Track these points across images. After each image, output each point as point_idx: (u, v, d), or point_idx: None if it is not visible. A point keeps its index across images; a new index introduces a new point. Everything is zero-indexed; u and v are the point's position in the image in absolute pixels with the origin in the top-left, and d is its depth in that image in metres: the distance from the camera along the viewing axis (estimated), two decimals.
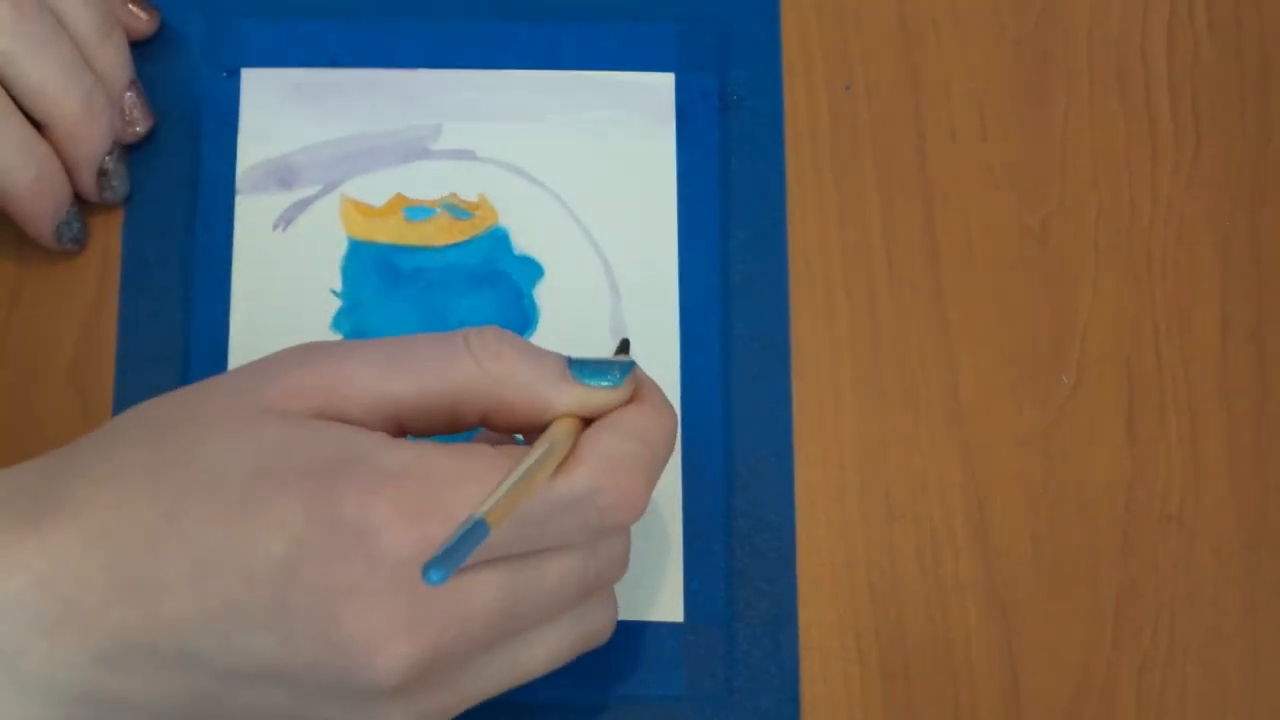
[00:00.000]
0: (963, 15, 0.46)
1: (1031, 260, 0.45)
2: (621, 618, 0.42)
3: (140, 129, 0.44)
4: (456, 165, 0.45)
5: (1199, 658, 0.42)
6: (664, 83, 0.46)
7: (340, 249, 0.44)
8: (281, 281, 0.44)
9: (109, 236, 0.44)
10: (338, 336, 0.44)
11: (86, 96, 0.42)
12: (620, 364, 0.35)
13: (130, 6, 0.45)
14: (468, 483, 0.32)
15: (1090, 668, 0.42)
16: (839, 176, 0.45)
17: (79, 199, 0.43)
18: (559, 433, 0.34)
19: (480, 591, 0.33)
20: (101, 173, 0.43)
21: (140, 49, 0.45)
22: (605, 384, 0.35)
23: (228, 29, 0.46)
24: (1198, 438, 0.44)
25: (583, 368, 0.35)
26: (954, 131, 0.46)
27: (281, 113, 0.45)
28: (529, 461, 0.32)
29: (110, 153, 0.43)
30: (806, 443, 0.43)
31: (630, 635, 0.42)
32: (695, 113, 0.45)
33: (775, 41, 0.46)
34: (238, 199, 0.45)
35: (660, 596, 0.42)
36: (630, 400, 0.35)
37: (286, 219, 0.45)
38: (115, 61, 0.43)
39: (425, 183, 0.45)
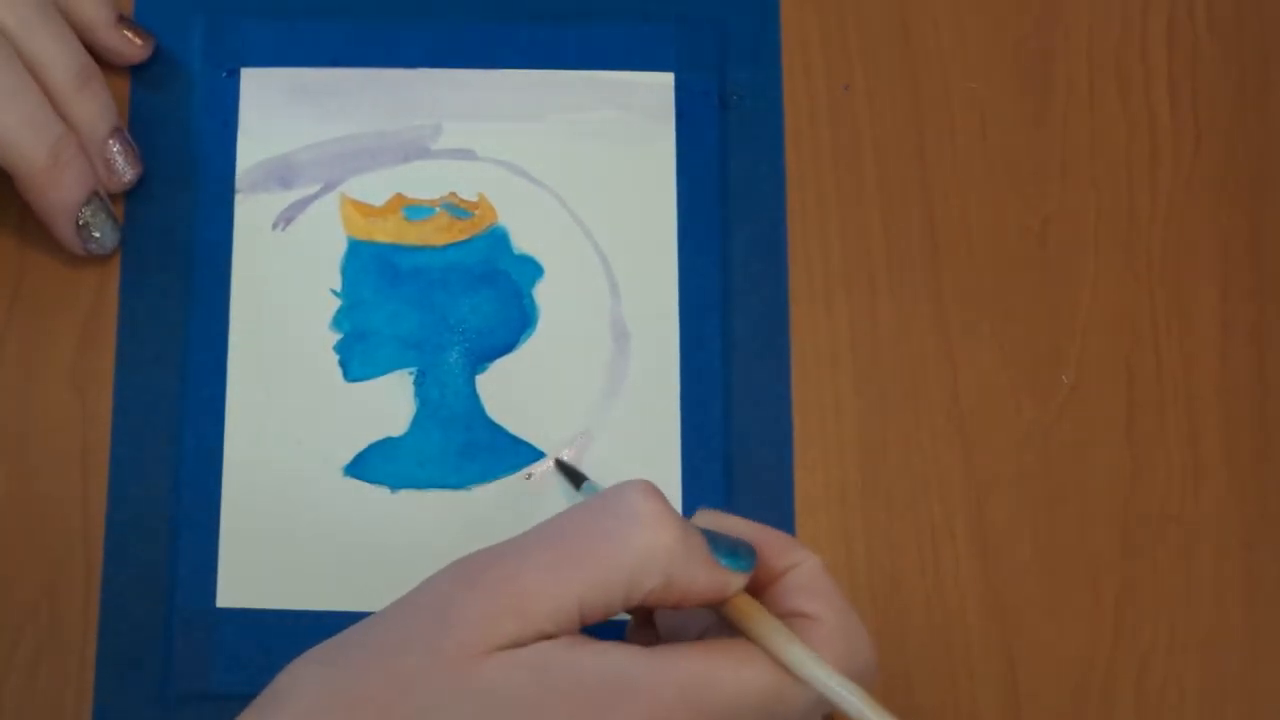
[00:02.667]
0: (963, 15, 0.46)
1: (1031, 260, 0.45)
2: (621, 617, 0.42)
3: (128, 178, 0.44)
4: (456, 165, 0.45)
5: (1199, 658, 0.42)
6: (664, 82, 0.46)
7: (340, 248, 0.44)
8: (281, 281, 0.44)
9: None
10: (337, 336, 0.44)
11: (52, 148, 0.41)
12: (748, 546, 0.34)
13: (124, 32, 0.44)
14: (743, 668, 0.32)
15: (1090, 668, 0.42)
16: (839, 176, 0.45)
17: (104, 196, 0.43)
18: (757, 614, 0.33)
19: None
20: (80, 226, 0.43)
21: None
22: (743, 569, 0.34)
23: (228, 29, 0.46)
24: (1198, 438, 0.44)
25: (721, 548, 0.34)
26: (954, 131, 0.46)
27: (281, 112, 0.45)
28: (784, 638, 0.32)
29: (88, 203, 0.42)
30: (806, 443, 0.43)
31: None
32: (695, 113, 0.45)
33: (775, 41, 0.46)
34: (237, 199, 0.45)
35: None
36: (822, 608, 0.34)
37: (286, 218, 0.45)
38: (93, 110, 0.43)
39: (425, 182, 0.45)
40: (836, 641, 0.33)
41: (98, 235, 0.43)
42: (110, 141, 0.43)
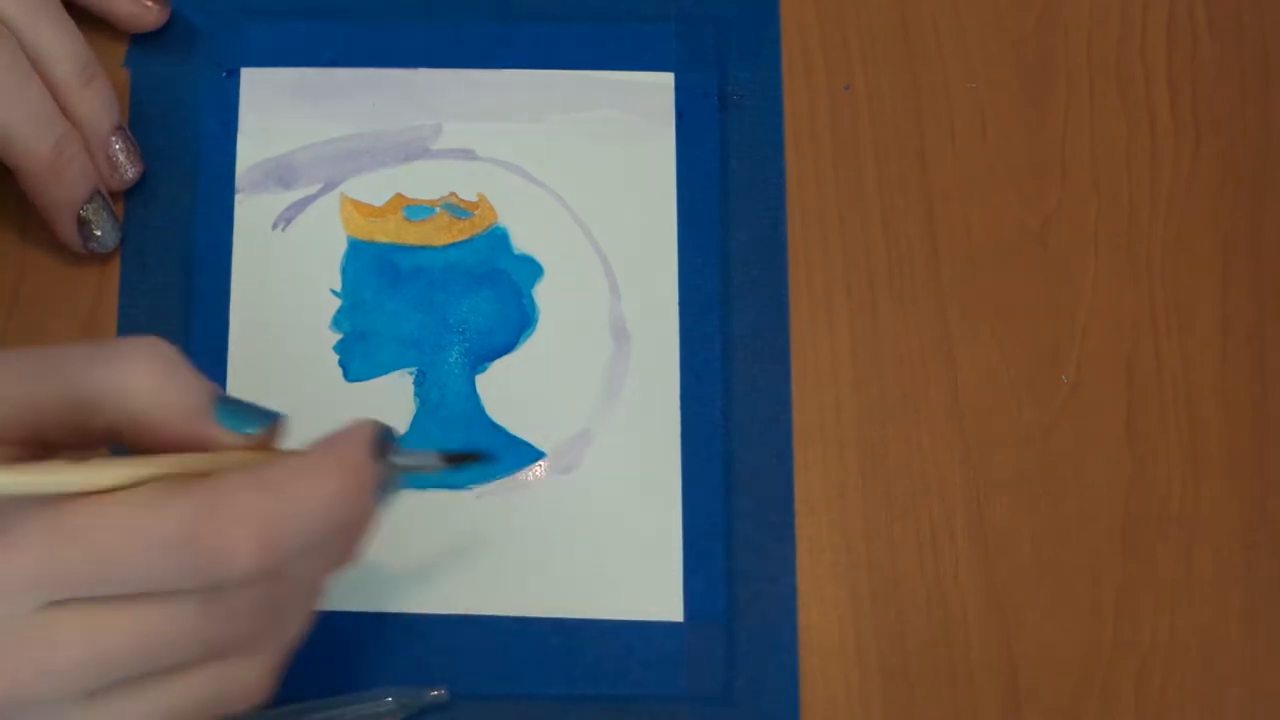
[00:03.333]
0: (963, 15, 0.46)
1: (1031, 260, 0.45)
2: (621, 617, 0.42)
3: (130, 175, 0.44)
4: (456, 165, 0.45)
5: (1199, 658, 0.42)
6: (664, 82, 0.46)
7: (340, 248, 0.44)
8: (281, 281, 0.44)
9: None
10: (337, 336, 0.44)
11: (56, 144, 0.41)
12: (265, 413, 0.33)
13: None
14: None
15: (1090, 668, 0.42)
16: (839, 176, 0.45)
17: (110, 196, 0.43)
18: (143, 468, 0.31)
19: (63, 631, 0.30)
20: (81, 222, 0.43)
21: (140, 49, 0.45)
22: (245, 432, 0.32)
23: (228, 29, 0.46)
24: (1198, 438, 0.44)
25: (227, 409, 0.32)
26: (954, 131, 0.46)
27: (281, 113, 0.45)
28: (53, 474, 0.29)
29: (90, 201, 0.43)
30: (806, 443, 0.43)
31: (630, 635, 0.42)
32: (695, 112, 0.45)
33: (775, 41, 0.46)
34: (237, 198, 0.45)
35: (660, 596, 0.42)
36: (304, 452, 0.33)
37: (286, 218, 0.45)
38: (97, 108, 0.43)
39: (425, 182, 0.45)
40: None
41: (99, 233, 0.43)
42: (113, 139, 0.43)
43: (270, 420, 0.33)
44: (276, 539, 0.31)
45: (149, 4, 0.45)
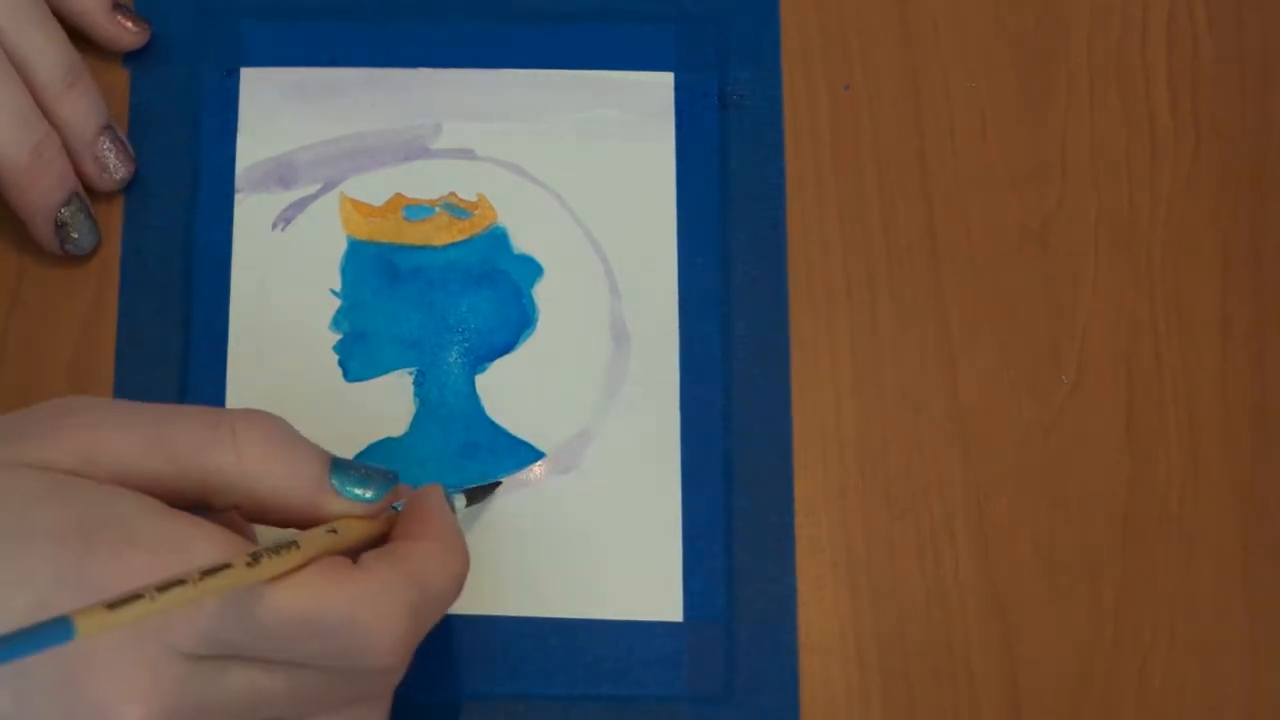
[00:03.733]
0: (963, 15, 0.46)
1: (1031, 260, 0.45)
2: (621, 618, 0.42)
3: (121, 175, 0.44)
4: (456, 164, 0.45)
5: (1199, 658, 0.42)
6: (663, 82, 0.46)
7: (340, 248, 0.44)
8: (281, 281, 0.44)
9: (109, 236, 0.44)
10: (337, 336, 0.44)
11: (35, 147, 0.41)
12: (382, 476, 0.35)
13: (118, 18, 0.44)
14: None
15: (1090, 668, 0.42)
16: (839, 176, 0.45)
17: (90, 193, 0.43)
18: (296, 545, 0.32)
19: (229, 680, 0.32)
20: (59, 225, 0.43)
21: (140, 49, 0.45)
22: (364, 498, 0.35)
23: (227, 29, 0.46)
24: (1198, 438, 0.44)
25: (344, 475, 0.35)
26: (954, 131, 0.46)
27: (281, 112, 0.45)
28: (224, 574, 0.30)
29: (68, 203, 0.42)
30: (806, 443, 0.43)
31: (630, 635, 0.42)
32: (695, 112, 0.45)
33: (775, 41, 0.46)
34: (237, 198, 0.45)
35: (660, 596, 0.42)
36: (420, 532, 0.35)
37: (286, 218, 0.45)
38: (80, 110, 0.43)
39: (425, 182, 0.45)
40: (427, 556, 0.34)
41: (75, 236, 0.43)
42: (100, 139, 0.43)
43: (388, 486, 0.35)
44: (421, 628, 0.34)
45: (128, 25, 0.44)
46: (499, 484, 0.43)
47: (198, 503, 0.34)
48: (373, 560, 0.34)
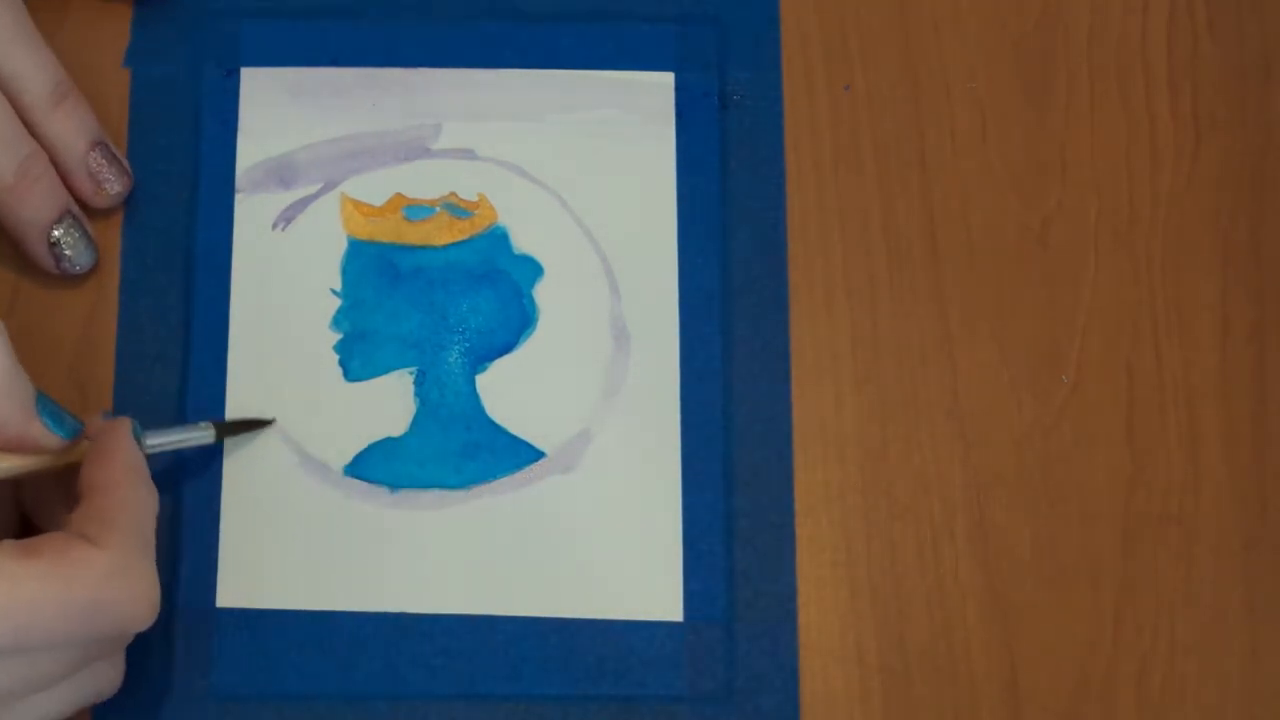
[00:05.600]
0: (963, 15, 0.46)
1: (1031, 260, 0.45)
2: (621, 618, 0.42)
3: (116, 189, 0.43)
4: (456, 164, 0.45)
5: (1199, 658, 0.42)
6: (664, 82, 0.46)
7: (340, 248, 0.44)
8: (281, 281, 0.44)
9: (109, 236, 0.44)
10: (337, 336, 0.44)
11: (21, 166, 0.41)
12: (73, 419, 0.38)
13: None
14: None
15: (1090, 668, 0.42)
16: (839, 176, 0.45)
17: (85, 211, 0.43)
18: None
19: None
20: (53, 243, 0.42)
21: (140, 49, 0.45)
22: (58, 431, 0.37)
23: (227, 29, 0.46)
24: (1198, 438, 0.44)
25: (44, 407, 0.37)
26: (954, 131, 0.46)
27: (281, 112, 0.45)
28: None
29: (60, 221, 0.42)
30: (806, 443, 0.43)
31: (630, 635, 0.42)
32: (695, 112, 0.45)
33: (775, 41, 0.46)
34: (237, 198, 0.45)
35: (660, 596, 0.42)
36: (103, 477, 0.37)
37: (286, 218, 0.45)
38: (70, 127, 0.42)
39: (425, 182, 0.45)
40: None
41: (69, 254, 0.43)
42: (91, 155, 0.43)
43: (80, 430, 0.38)
44: (156, 587, 0.36)
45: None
46: (268, 423, 0.43)
47: None
48: (114, 533, 0.35)
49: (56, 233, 0.42)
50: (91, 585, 0.34)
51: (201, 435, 0.41)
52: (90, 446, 0.38)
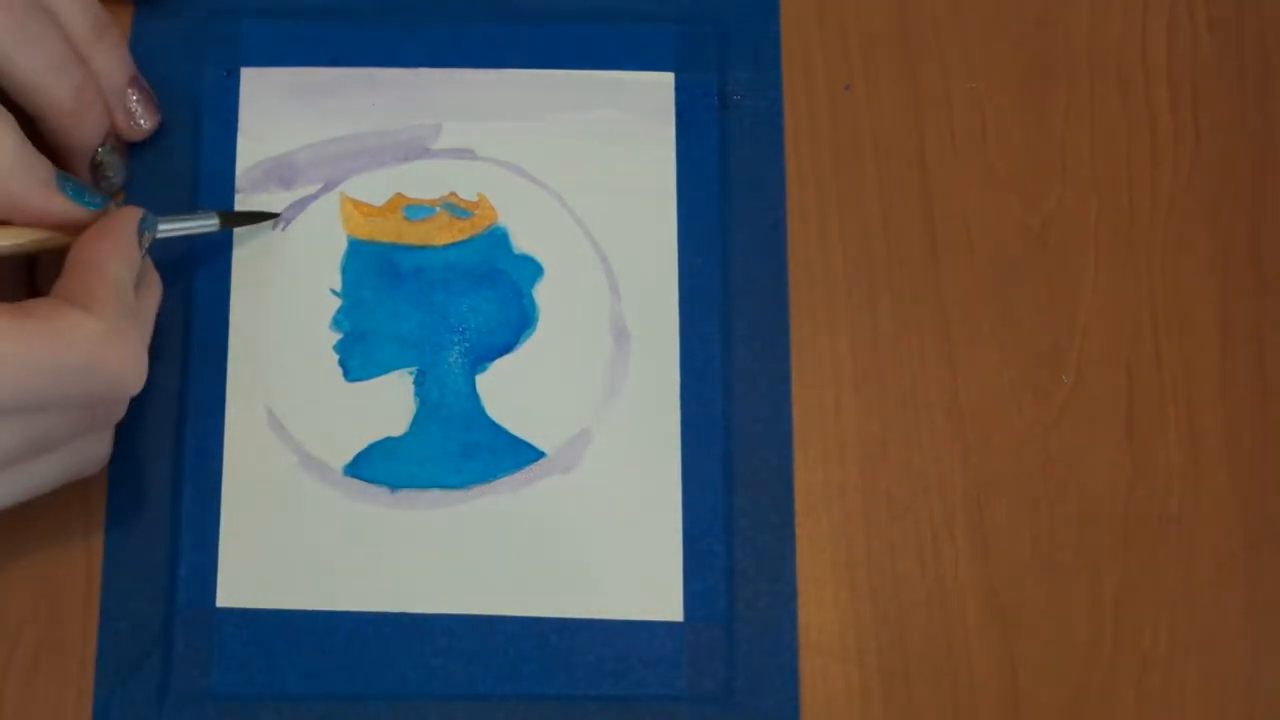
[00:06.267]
0: (963, 15, 0.46)
1: (1031, 260, 0.45)
2: (621, 618, 0.42)
3: (147, 124, 0.44)
4: (456, 164, 0.45)
5: (1199, 658, 0.42)
6: (664, 82, 0.46)
7: (340, 248, 0.44)
8: (281, 281, 0.44)
9: None
10: (337, 336, 0.44)
11: (76, 91, 0.42)
12: (97, 194, 0.40)
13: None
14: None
15: (1090, 668, 0.42)
16: (839, 177, 0.45)
17: (118, 138, 0.44)
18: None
19: None
20: (95, 165, 0.44)
21: (140, 49, 0.45)
22: (89, 205, 0.40)
23: (227, 29, 0.46)
24: (1198, 438, 0.44)
25: (67, 182, 0.39)
26: (954, 131, 0.46)
27: (281, 112, 0.45)
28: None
29: (103, 144, 0.44)
30: (806, 443, 0.43)
31: (630, 635, 0.42)
32: (695, 112, 0.45)
33: (775, 41, 0.46)
34: (237, 198, 0.45)
35: (660, 596, 0.42)
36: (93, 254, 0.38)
37: (286, 218, 0.45)
38: (111, 59, 0.43)
39: (425, 182, 0.45)
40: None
41: (110, 174, 0.44)
42: (130, 90, 0.44)
43: (108, 199, 0.40)
44: (145, 356, 0.38)
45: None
46: (274, 216, 0.44)
47: None
48: (103, 301, 0.37)
49: (100, 154, 0.44)
50: (83, 348, 0.35)
51: (206, 223, 0.43)
52: (91, 225, 0.39)
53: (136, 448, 0.43)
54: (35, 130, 0.42)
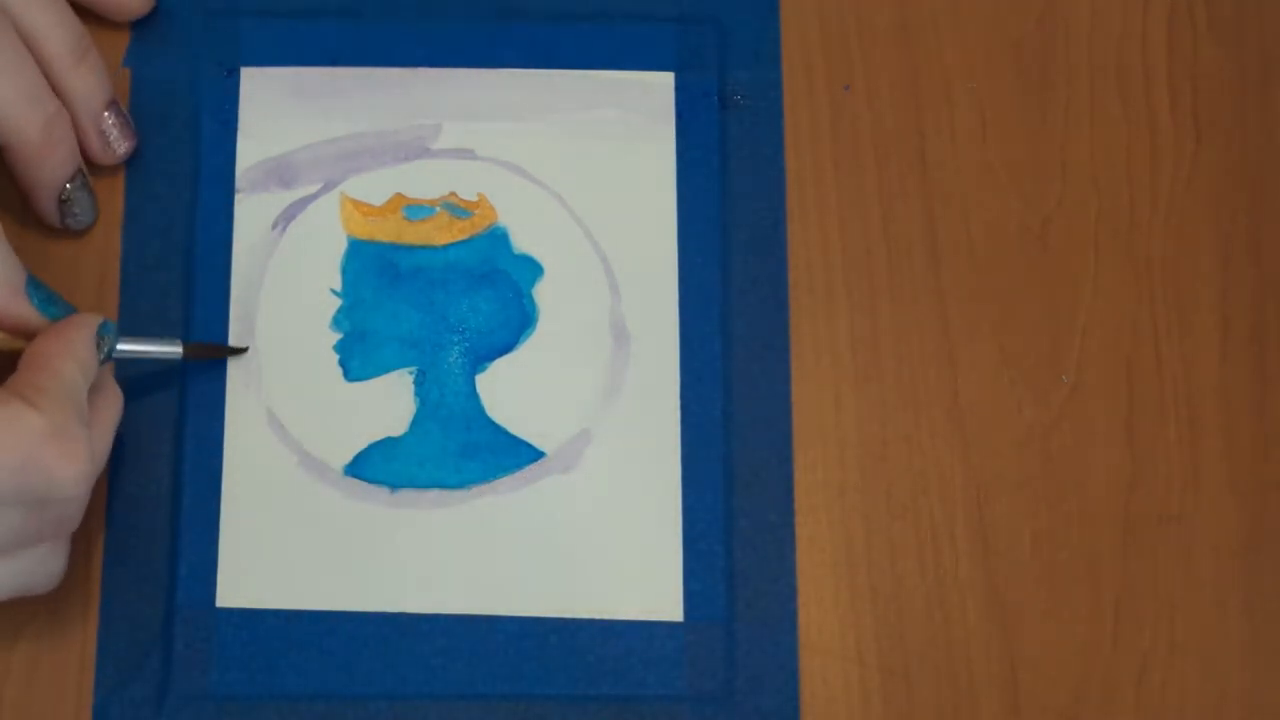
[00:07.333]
0: (963, 15, 0.46)
1: (1031, 260, 0.45)
2: (621, 618, 0.42)
3: (121, 150, 0.44)
4: (456, 164, 0.45)
5: (1199, 658, 0.42)
6: (664, 82, 0.46)
7: (340, 248, 0.44)
8: (281, 281, 0.44)
9: (109, 236, 0.44)
10: (337, 336, 0.44)
11: (46, 124, 0.41)
12: (62, 301, 0.40)
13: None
14: None
15: (1090, 668, 0.42)
16: (839, 176, 0.45)
17: (87, 176, 0.43)
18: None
19: None
20: (63, 201, 0.43)
21: (140, 48, 0.45)
22: (53, 316, 0.39)
23: (227, 28, 0.46)
24: (1198, 438, 0.44)
25: (37, 289, 0.39)
26: (954, 131, 0.46)
27: (281, 112, 0.45)
28: None
29: (72, 180, 0.43)
30: (806, 443, 0.43)
31: (630, 635, 0.42)
32: (695, 112, 0.45)
33: (775, 41, 0.46)
34: (237, 198, 0.45)
35: (660, 596, 0.42)
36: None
37: (286, 218, 0.45)
38: (89, 84, 0.43)
39: (425, 182, 0.45)
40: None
41: (77, 211, 0.43)
42: (106, 114, 0.43)
43: (69, 309, 0.40)
44: (99, 462, 0.38)
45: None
46: (241, 350, 0.43)
47: None
48: (49, 397, 0.36)
49: (67, 190, 0.43)
50: (22, 442, 0.35)
51: (169, 350, 0.42)
52: (49, 326, 0.39)
53: (137, 447, 0.43)
54: (1, 162, 0.42)
